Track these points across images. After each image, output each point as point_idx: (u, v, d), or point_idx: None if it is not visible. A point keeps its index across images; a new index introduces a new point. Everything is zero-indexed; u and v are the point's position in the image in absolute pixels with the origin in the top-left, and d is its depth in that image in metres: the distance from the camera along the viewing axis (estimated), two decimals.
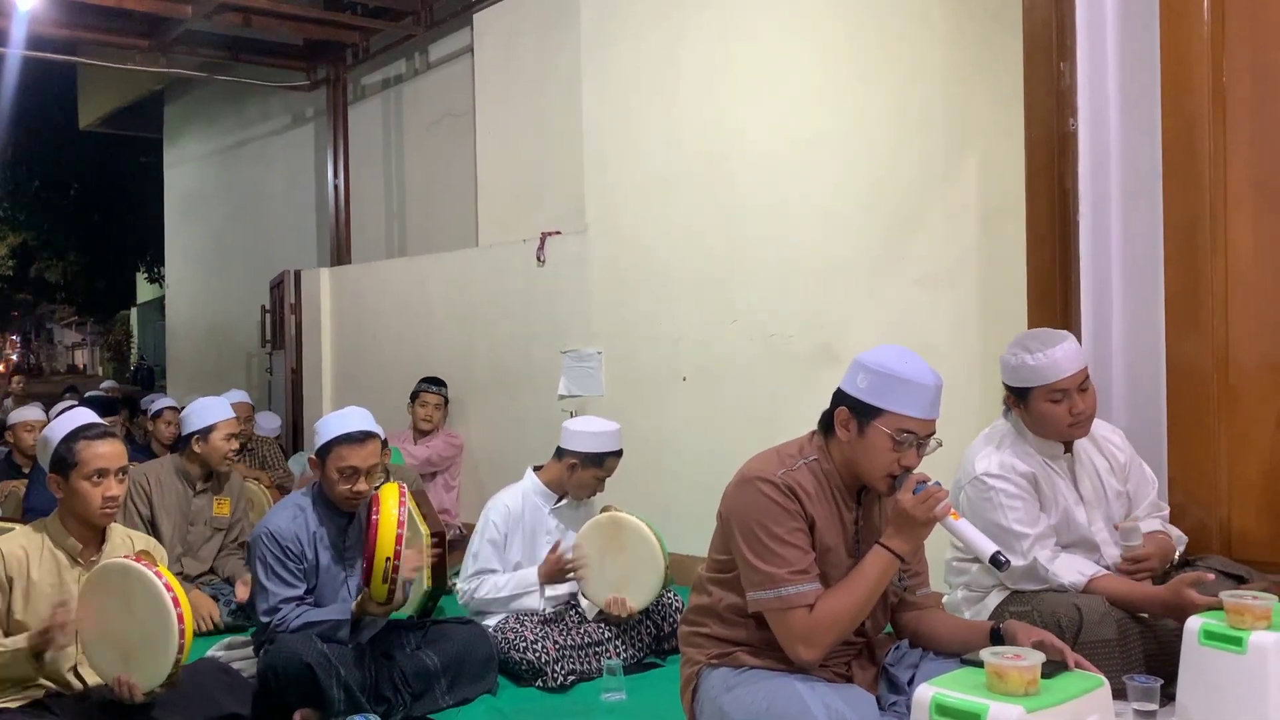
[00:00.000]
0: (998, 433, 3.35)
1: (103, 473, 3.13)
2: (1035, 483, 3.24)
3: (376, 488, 3.67)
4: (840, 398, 2.67)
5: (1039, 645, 2.44)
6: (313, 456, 3.73)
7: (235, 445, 5.19)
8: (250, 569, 3.72)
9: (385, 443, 5.79)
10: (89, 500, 3.12)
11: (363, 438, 3.65)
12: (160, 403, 7.48)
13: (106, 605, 2.98)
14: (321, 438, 3.68)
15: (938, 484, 2.55)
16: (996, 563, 2.53)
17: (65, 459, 3.13)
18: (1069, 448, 3.34)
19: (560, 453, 4.34)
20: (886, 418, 2.56)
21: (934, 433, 2.60)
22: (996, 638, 2.58)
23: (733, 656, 2.68)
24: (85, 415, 3.30)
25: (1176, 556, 3.36)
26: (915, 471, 2.58)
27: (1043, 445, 3.29)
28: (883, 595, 2.74)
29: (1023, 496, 3.20)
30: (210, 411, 5.11)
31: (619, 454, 4.35)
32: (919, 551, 2.83)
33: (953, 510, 2.57)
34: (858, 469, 2.64)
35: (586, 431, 4.31)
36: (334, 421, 3.71)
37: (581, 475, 4.29)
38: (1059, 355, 3.20)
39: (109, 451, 3.16)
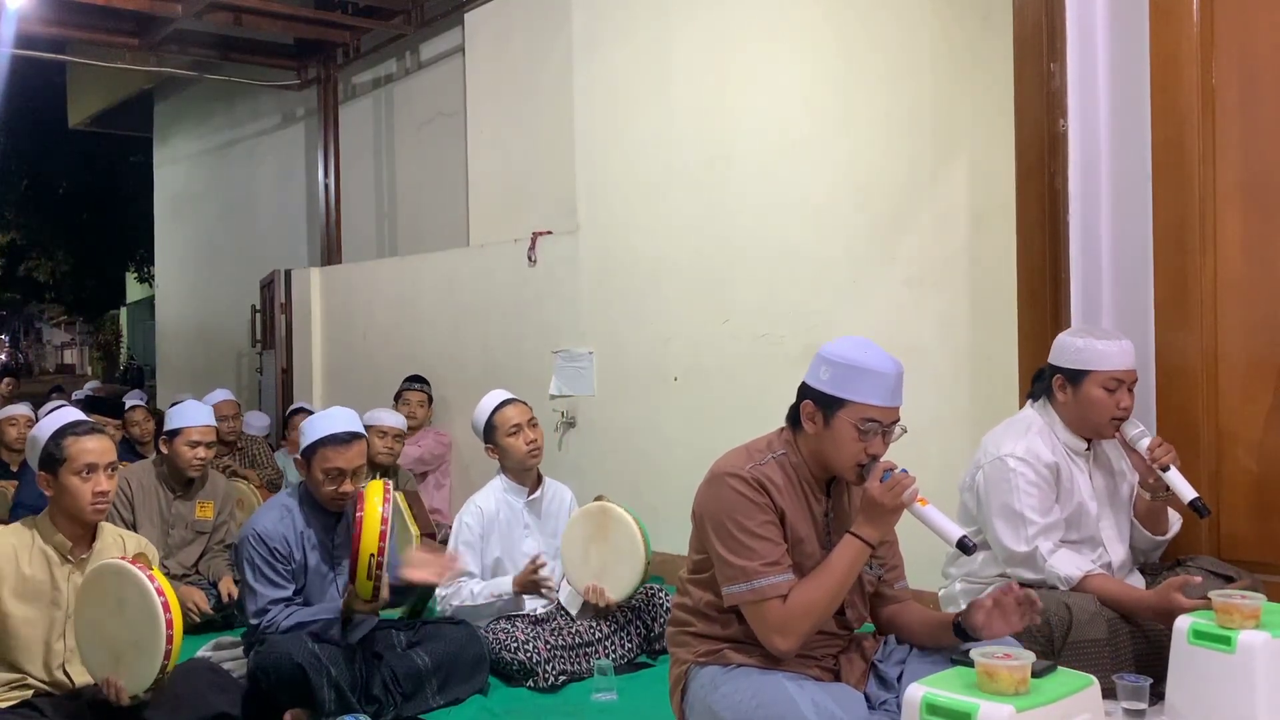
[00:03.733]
0: (1025, 420, 3.37)
1: (92, 468, 3.12)
2: (1056, 474, 3.26)
3: (362, 486, 3.67)
4: (805, 391, 2.70)
5: (1000, 603, 2.49)
6: (298, 457, 3.72)
7: (203, 454, 4.93)
8: (238, 570, 3.71)
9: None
10: (79, 496, 3.11)
11: (348, 439, 3.63)
12: (129, 402, 7.46)
13: (101, 605, 2.99)
14: (307, 439, 3.66)
15: (904, 471, 2.57)
16: (964, 547, 2.54)
17: (54, 455, 3.13)
18: (1090, 444, 3.36)
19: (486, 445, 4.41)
20: (850, 408, 2.59)
21: (898, 419, 2.63)
22: (960, 631, 2.59)
23: (720, 654, 2.69)
24: (73, 413, 3.30)
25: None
26: (883, 460, 2.61)
27: (1070, 437, 3.32)
28: (862, 586, 2.76)
29: (1040, 485, 3.22)
30: (181, 415, 4.97)
31: (509, 402, 4.38)
32: (893, 544, 2.84)
33: (920, 497, 2.59)
34: (826, 460, 2.67)
35: (478, 410, 4.41)
36: (319, 423, 3.69)
37: (500, 448, 4.32)
38: (1127, 346, 3.28)
39: (97, 447, 3.15)
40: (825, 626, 2.69)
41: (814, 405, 2.65)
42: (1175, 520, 3.42)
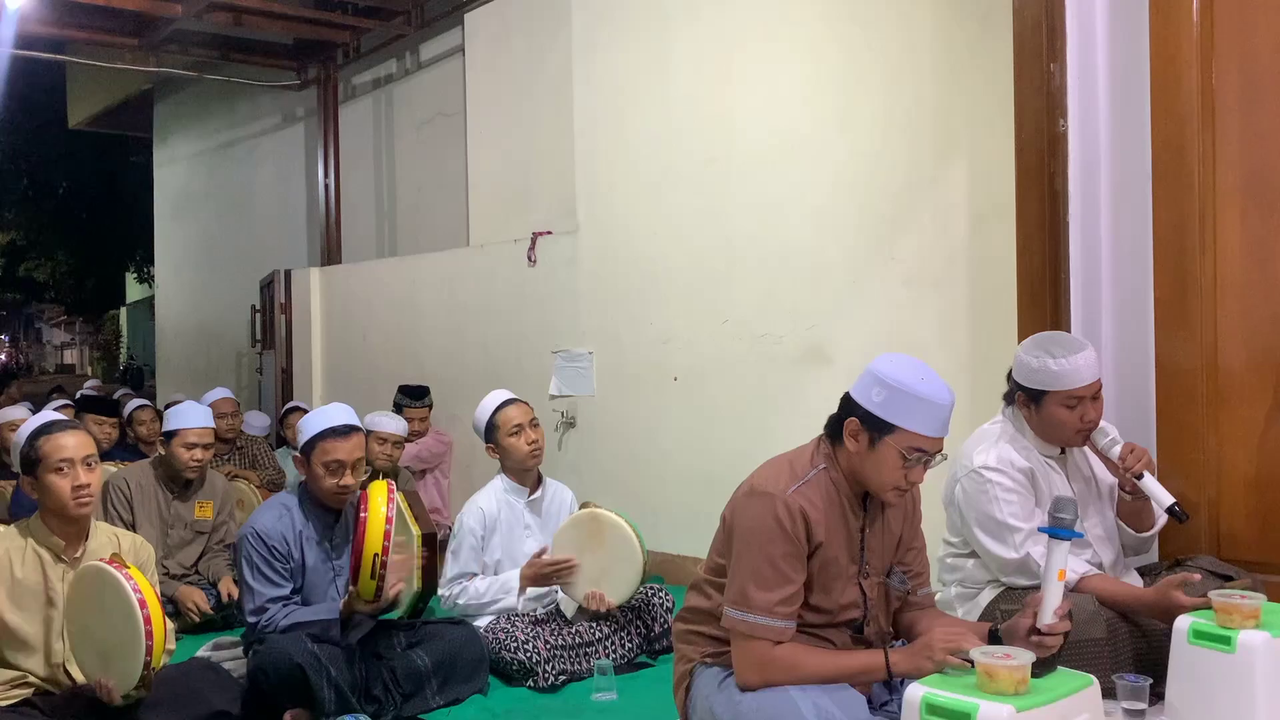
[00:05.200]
0: (996, 427, 3.36)
1: (68, 462, 3.11)
2: (1032, 478, 3.25)
3: (364, 485, 3.67)
4: (852, 407, 2.62)
5: (1039, 637, 2.43)
6: (297, 454, 3.74)
7: (200, 455, 4.95)
8: (236, 569, 3.72)
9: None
10: (59, 493, 3.11)
11: (346, 431, 3.67)
12: (132, 404, 7.50)
13: (88, 606, 3.01)
14: (305, 435, 3.69)
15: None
16: None
17: (30, 457, 3.14)
18: (1064, 449, 3.35)
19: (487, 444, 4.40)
20: (900, 435, 2.53)
21: (941, 448, 2.58)
22: (995, 639, 2.54)
23: (725, 656, 2.68)
24: (49, 414, 3.33)
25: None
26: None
27: (1040, 443, 3.31)
28: (888, 600, 2.76)
29: (1018, 491, 3.21)
30: (179, 416, 5.01)
31: (511, 402, 4.38)
32: (920, 551, 2.83)
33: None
34: (863, 479, 2.62)
35: (479, 410, 4.41)
36: (317, 418, 3.73)
37: (501, 448, 4.32)
38: (1081, 363, 3.19)
39: (72, 442, 3.15)
40: (841, 641, 2.68)
41: (860, 424, 2.58)
42: (1161, 516, 3.41)
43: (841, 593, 2.65)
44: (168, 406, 5.38)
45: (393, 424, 5.85)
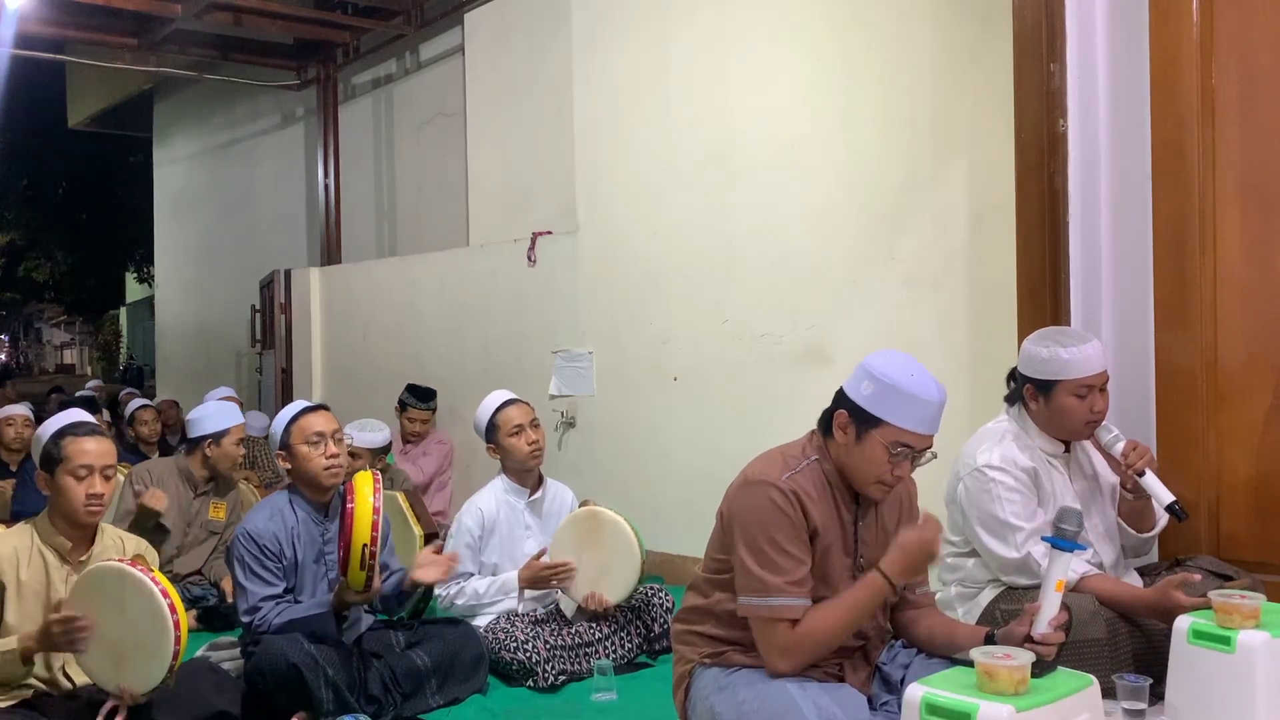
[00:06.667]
0: (1000, 426, 3.36)
1: (88, 469, 3.12)
2: (1035, 478, 3.25)
3: (348, 480, 3.68)
4: (842, 400, 2.64)
5: (1031, 645, 2.43)
6: (280, 451, 3.77)
7: (242, 450, 5.27)
8: (230, 570, 3.74)
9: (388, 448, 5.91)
10: (72, 497, 3.11)
11: (314, 408, 3.81)
12: (133, 404, 7.52)
13: (99, 608, 2.96)
14: (278, 429, 3.78)
15: None
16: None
17: (52, 455, 3.14)
18: (1068, 447, 3.35)
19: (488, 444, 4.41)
20: (885, 429, 2.55)
21: (930, 446, 2.59)
22: (991, 644, 2.55)
23: (725, 656, 2.68)
24: (76, 414, 3.31)
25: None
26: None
27: (1045, 442, 3.31)
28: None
29: (1021, 490, 3.21)
30: (223, 416, 5.19)
31: (511, 402, 4.38)
32: None
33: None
34: (849, 472, 2.63)
35: (480, 410, 4.41)
36: (282, 414, 3.86)
37: (501, 449, 4.33)
38: (1090, 352, 3.22)
39: (95, 449, 3.15)
40: None
41: (848, 416, 2.60)
42: (1161, 517, 3.42)
43: (838, 586, 2.65)
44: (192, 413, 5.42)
45: (365, 437, 5.63)
